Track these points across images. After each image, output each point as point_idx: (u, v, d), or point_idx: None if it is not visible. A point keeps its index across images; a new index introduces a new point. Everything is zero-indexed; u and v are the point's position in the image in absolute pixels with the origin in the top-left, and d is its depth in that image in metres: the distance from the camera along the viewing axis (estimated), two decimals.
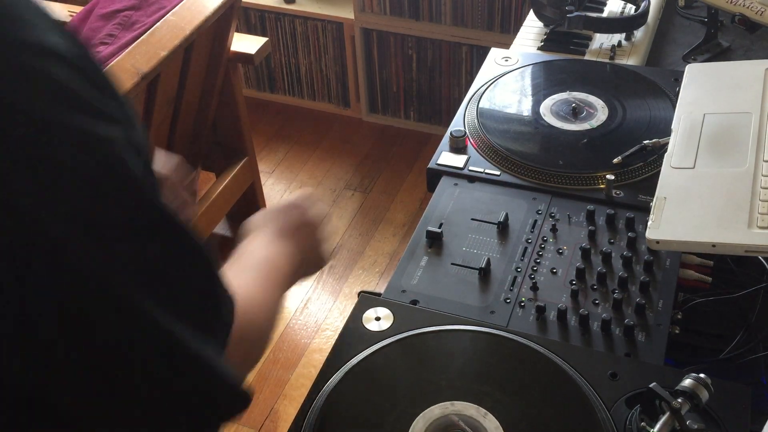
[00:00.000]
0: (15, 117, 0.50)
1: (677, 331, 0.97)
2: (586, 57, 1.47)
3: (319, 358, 2.16)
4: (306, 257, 0.94)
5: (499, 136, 1.24)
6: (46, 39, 0.53)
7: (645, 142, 1.18)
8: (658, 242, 0.97)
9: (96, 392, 0.57)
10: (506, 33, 2.56)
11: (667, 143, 1.13)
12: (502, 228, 1.10)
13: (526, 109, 1.31)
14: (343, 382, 0.90)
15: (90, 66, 0.56)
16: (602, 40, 1.51)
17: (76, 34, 0.58)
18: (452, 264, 1.06)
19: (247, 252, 0.88)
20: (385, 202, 2.72)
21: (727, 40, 1.50)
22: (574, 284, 1.01)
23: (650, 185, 1.09)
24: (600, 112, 1.28)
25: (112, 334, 0.55)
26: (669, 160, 1.09)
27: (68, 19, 2.05)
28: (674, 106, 1.20)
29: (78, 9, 2.07)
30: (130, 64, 1.70)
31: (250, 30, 2.97)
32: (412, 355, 0.93)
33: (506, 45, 1.59)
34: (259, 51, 2.18)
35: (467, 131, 1.26)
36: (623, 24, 1.49)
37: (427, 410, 0.85)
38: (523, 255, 1.06)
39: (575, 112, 1.28)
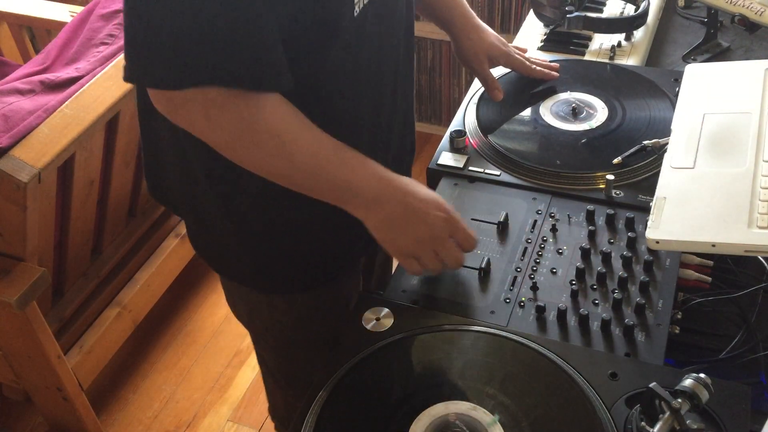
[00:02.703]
0: None
1: (677, 331, 0.97)
2: (586, 57, 1.47)
3: None
4: (397, 220, 0.96)
5: (499, 137, 1.24)
6: None
7: (645, 142, 1.18)
8: (657, 242, 0.97)
9: None
10: (506, 33, 2.56)
11: (667, 143, 1.13)
12: (502, 228, 1.10)
13: (526, 109, 1.31)
14: (343, 382, 0.90)
15: None
16: (602, 40, 1.51)
17: None
18: None
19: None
20: None
21: (726, 40, 1.50)
22: (574, 284, 1.01)
23: (650, 185, 1.09)
24: (600, 112, 1.28)
25: None
26: (669, 160, 1.09)
27: (69, 19, 2.06)
28: (674, 106, 1.20)
29: (79, 9, 2.07)
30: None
31: None
32: (412, 355, 0.93)
33: None
34: None
35: (467, 131, 1.26)
36: (623, 24, 1.49)
37: (427, 410, 0.85)
38: (523, 255, 1.06)
39: (575, 112, 1.28)
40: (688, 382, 0.80)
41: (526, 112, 1.30)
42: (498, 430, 0.83)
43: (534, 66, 1.34)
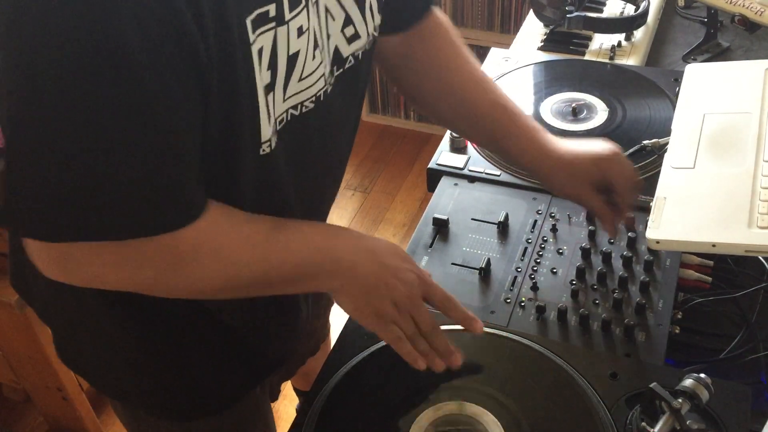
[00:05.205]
0: None
1: (677, 331, 0.97)
2: (586, 57, 1.47)
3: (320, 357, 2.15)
4: (355, 282, 0.83)
5: None
6: None
7: (645, 142, 1.18)
8: (658, 242, 0.97)
9: None
10: (506, 33, 2.56)
11: (667, 143, 1.13)
12: (502, 228, 1.10)
13: (526, 109, 1.31)
14: (343, 382, 0.90)
15: None
16: (602, 40, 1.51)
17: None
18: (452, 264, 1.06)
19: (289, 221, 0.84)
20: (385, 202, 2.72)
21: (726, 40, 1.50)
22: (574, 284, 1.01)
23: (650, 185, 1.09)
24: (600, 112, 1.28)
25: None
26: (669, 160, 1.09)
27: None
28: (674, 106, 1.20)
29: None
30: None
31: None
32: None
33: (506, 45, 1.59)
34: None
35: None
36: (623, 24, 1.49)
37: (427, 410, 0.85)
38: (523, 255, 1.06)
39: (575, 112, 1.28)
40: (688, 382, 0.80)
41: (527, 112, 1.30)
42: (498, 430, 0.83)
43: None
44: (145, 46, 0.63)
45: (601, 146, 1.00)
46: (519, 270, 1.04)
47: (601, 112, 1.27)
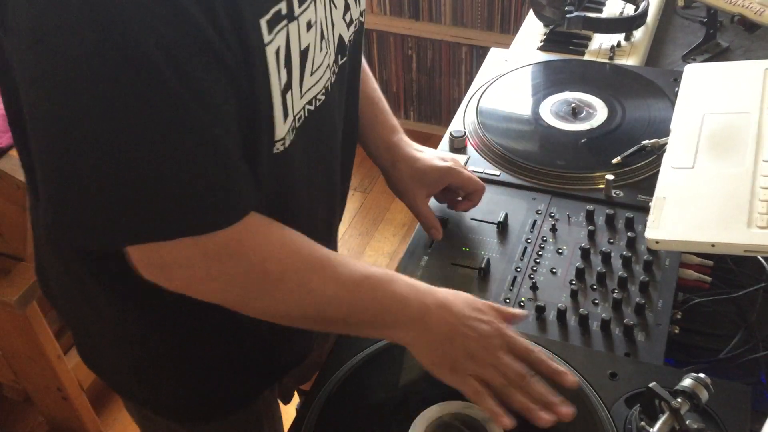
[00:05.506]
0: None
1: (677, 331, 0.97)
2: (586, 57, 1.47)
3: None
4: (434, 337, 0.82)
5: (498, 136, 1.24)
6: None
7: (644, 142, 1.18)
8: (657, 242, 0.97)
9: None
10: (506, 33, 2.57)
11: (667, 143, 1.13)
12: (502, 228, 1.10)
13: (525, 109, 1.31)
14: (343, 382, 0.90)
15: None
16: (602, 40, 1.51)
17: None
18: (452, 264, 1.06)
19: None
20: (385, 202, 2.72)
21: (726, 40, 1.50)
22: (574, 284, 1.01)
23: (650, 185, 1.09)
24: (599, 112, 1.28)
25: None
26: (668, 160, 1.09)
27: None
28: (673, 106, 1.20)
29: None
30: None
31: None
32: (412, 356, 0.93)
33: (506, 45, 1.59)
34: None
35: (467, 131, 1.26)
36: (622, 24, 1.49)
37: (427, 410, 0.85)
38: (523, 255, 1.06)
39: (575, 112, 1.28)
40: (687, 382, 0.80)
41: (526, 112, 1.30)
42: (498, 430, 0.83)
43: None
44: (166, 55, 0.64)
45: (446, 158, 1.11)
46: (518, 270, 1.05)
47: (600, 112, 1.28)
